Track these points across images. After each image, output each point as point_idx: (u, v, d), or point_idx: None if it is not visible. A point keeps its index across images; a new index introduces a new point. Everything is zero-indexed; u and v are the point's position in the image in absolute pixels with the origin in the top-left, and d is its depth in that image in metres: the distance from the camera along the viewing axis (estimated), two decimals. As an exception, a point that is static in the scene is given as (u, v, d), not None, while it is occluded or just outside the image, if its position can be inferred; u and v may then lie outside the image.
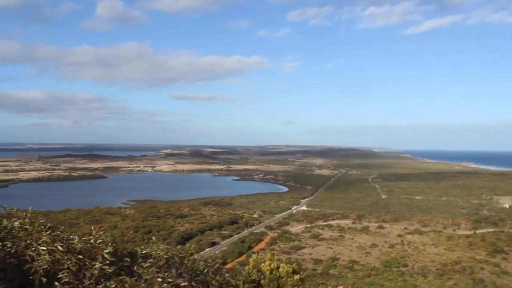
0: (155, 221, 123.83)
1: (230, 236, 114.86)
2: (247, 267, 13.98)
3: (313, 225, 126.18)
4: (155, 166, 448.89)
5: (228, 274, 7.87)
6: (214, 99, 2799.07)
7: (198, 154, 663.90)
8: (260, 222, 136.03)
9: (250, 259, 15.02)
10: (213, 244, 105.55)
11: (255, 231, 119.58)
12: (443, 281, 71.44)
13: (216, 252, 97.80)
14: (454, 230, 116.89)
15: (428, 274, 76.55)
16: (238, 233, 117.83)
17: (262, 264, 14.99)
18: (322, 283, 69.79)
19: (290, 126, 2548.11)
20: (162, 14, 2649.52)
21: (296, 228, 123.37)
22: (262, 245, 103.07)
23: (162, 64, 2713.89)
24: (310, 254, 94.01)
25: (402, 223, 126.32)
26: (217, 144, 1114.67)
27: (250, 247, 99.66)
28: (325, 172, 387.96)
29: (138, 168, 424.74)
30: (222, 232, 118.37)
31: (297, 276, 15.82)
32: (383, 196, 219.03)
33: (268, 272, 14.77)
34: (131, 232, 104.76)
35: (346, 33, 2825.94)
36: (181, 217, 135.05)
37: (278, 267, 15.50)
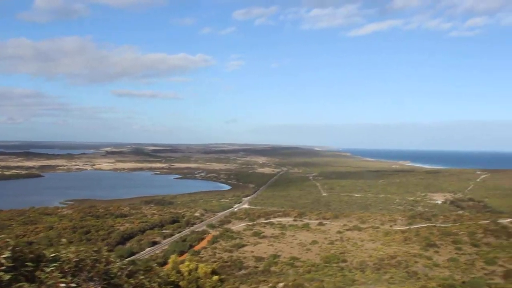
0: (94, 221, 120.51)
1: (172, 235, 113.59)
2: (165, 269, 13.73)
3: (254, 223, 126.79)
4: (95, 165, 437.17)
5: (143, 277, 7.51)
6: (158, 96, 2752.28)
7: (139, 152, 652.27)
8: (202, 221, 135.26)
9: (169, 260, 14.78)
10: (154, 243, 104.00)
11: (197, 230, 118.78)
12: (380, 275, 73.60)
13: (157, 252, 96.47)
14: (391, 226, 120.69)
15: (366, 269, 78.62)
16: (179, 232, 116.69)
17: (181, 265, 14.76)
18: (264, 280, 70.32)
19: (234, 124, 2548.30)
20: (105, 8, 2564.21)
21: (238, 226, 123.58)
22: (203, 243, 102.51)
23: (104, 59, 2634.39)
24: (252, 251, 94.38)
25: (342, 220, 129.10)
26: (161, 142, 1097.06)
27: (191, 246, 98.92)
28: (267, 170, 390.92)
29: (77, 167, 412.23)
30: (163, 231, 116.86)
31: (216, 277, 15.70)
32: (324, 194, 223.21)
33: (187, 273, 14.56)
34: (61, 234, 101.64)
35: (291, 33, 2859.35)
36: (121, 216, 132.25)
37: (196, 268, 15.29)
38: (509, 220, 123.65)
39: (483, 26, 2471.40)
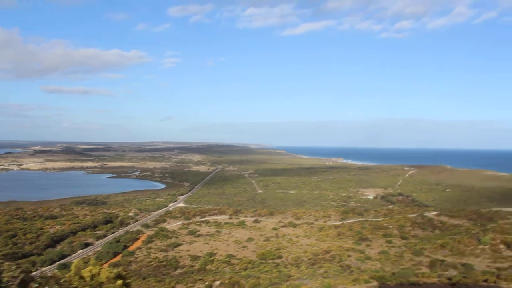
0: (21, 224, 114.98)
1: (105, 236, 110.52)
2: (67, 274, 13.20)
3: (190, 221, 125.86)
4: (22, 164, 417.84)
5: (37, 285, 7.03)
6: (90, 93, 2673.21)
7: (70, 151, 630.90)
8: (136, 221, 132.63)
9: (72, 265, 14.26)
10: (87, 245, 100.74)
11: (131, 230, 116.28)
12: (315, 270, 75.02)
13: (90, 254, 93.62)
14: (325, 222, 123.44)
15: (301, 264, 79.93)
16: (113, 233, 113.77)
17: (83, 270, 14.24)
18: (200, 279, 69.87)
19: (169, 122, 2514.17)
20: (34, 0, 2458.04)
21: (173, 225, 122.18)
22: (138, 243, 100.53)
23: (32, 54, 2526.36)
24: (188, 250, 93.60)
25: (277, 216, 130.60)
26: (93, 141, 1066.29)
27: (126, 247, 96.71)
28: (202, 168, 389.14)
29: (2, 167, 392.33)
30: (96, 232, 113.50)
31: (120, 281, 15.28)
32: (259, 191, 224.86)
33: (89, 278, 14.09)
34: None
35: (226, 31, 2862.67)
36: (51, 218, 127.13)
37: (99, 273, 14.81)
38: (434, 213, 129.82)
39: (410, 29, 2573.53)
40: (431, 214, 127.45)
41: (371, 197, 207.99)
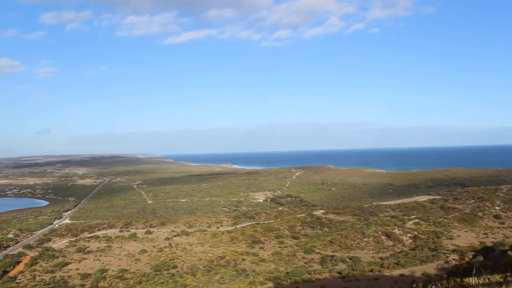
0: None
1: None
2: None
3: (78, 238, 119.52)
4: None
5: None
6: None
7: None
8: (17, 242, 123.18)
9: None
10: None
11: (11, 253, 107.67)
12: (211, 276, 74.86)
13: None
14: (217, 228, 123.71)
15: (196, 272, 79.31)
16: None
17: None
18: (91, 298, 66.63)
19: (49, 135, 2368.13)
20: None
21: (59, 243, 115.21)
22: (20, 267, 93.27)
23: None
24: (77, 269, 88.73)
25: (169, 226, 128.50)
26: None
27: (5, 272, 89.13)
28: (88, 181, 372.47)
29: None
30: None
31: None
32: (149, 202, 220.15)
33: None
34: None
35: (106, 40, 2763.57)
36: None
37: None
38: (322, 211, 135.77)
39: (288, 38, 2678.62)
40: (318, 212, 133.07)
41: (261, 200, 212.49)
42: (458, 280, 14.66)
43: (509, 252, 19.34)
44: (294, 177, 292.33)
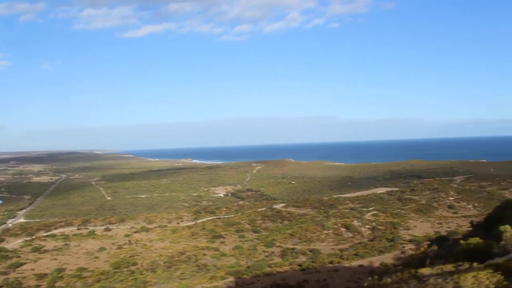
0: None
1: None
2: None
3: (34, 237, 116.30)
4: None
5: None
6: None
7: None
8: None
9: None
10: None
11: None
12: (171, 272, 74.28)
13: None
14: (178, 223, 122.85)
15: (157, 269, 78.51)
16: None
17: None
18: (48, 298, 65.04)
19: (1, 131, 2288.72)
20: None
21: (13, 243, 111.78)
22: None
23: None
24: (32, 269, 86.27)
25: (129, 222, 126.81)
26: None
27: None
28: (44, 179, 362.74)
29: None
30: None
31: None
32: (108, 198, 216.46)
33: None
34: None
35: (62, 33, 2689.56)
36: None
37: None
38: (282, 205, 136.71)
39: (249, 32, 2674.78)
40: (279, 206, 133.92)
41: (222, 195, 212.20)
42: (413, 271, 14.91)
43: (461, 241, 19.85)
44: (254, 171, 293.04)
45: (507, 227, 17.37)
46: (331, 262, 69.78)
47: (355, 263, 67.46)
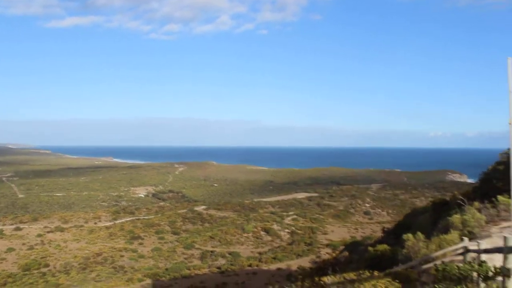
0: None
1: None
2: None
3: None
4: None
5: None
6: None
7: None
8: None
9: None
10: None
11: None
12: (86, 274, 71.94)
13: None
14: (95, 223, 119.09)
15: (71, 270, 75.68)
16: None
17: None
18: None
19: None
20: None
21: None
22: None
23: None
24: None
25: (42, 222, 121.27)
26: None
27: None
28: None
29: None
30: None
31: None
32: (20, 196, 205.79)
33: None
34: None
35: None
36: None
37: None
38: (203, 207, 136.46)
39: (178, 32, 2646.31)
40: (200, 208, 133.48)
41: (142, 195, 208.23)
42: (316, 279, 15.33)
43: (369, 248, 20.75)
44: (177, 172, 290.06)
45: (410, 235, 18.33)
46: (250, 265, 70.51)
47: (274, 266, 68.59)
